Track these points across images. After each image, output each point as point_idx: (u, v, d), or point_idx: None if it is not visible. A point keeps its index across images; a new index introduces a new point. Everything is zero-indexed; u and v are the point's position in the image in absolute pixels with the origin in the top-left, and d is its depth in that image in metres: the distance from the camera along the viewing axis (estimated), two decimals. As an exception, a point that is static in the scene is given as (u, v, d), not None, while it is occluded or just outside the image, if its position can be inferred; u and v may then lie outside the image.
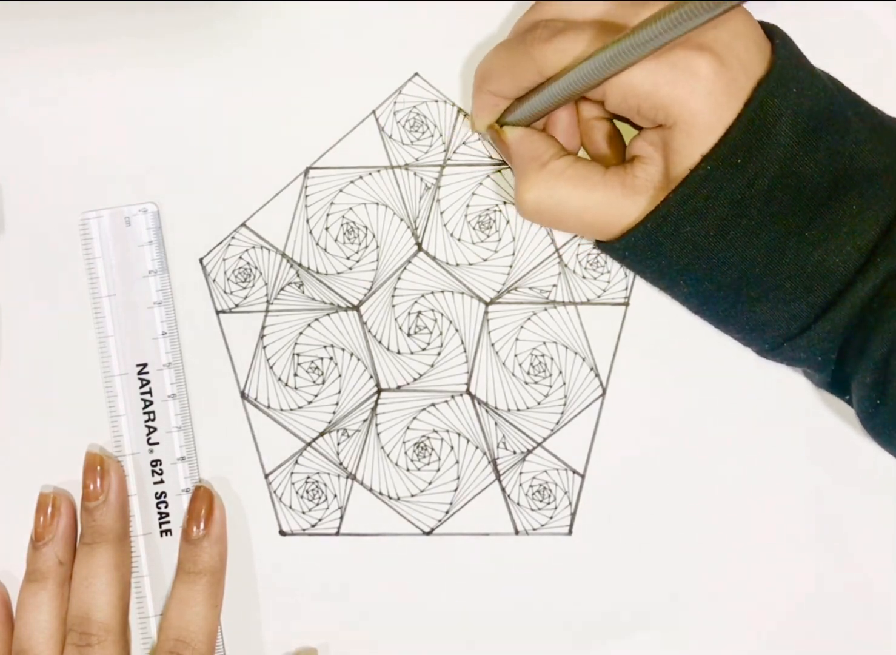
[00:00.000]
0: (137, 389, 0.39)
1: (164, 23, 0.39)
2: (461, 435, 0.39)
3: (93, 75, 0.40)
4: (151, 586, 0.39)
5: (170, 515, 0.39)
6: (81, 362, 0.39)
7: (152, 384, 0.39)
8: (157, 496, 0.39)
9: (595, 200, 0.34)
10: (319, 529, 0.39)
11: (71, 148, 0.39)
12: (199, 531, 0.37)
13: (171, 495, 0.39)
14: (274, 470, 0.39)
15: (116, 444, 0.39)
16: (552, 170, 0.35)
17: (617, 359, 0.39)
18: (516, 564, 0.39)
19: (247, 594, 0.39)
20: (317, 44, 0.40)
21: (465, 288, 0.39)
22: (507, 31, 0.39)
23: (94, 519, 0.37)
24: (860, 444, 0.38)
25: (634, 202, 0.34)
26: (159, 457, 0.39)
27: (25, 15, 0.39)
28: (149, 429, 0.39)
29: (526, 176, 0.35)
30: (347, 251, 0.40)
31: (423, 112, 0.40)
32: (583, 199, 0.34)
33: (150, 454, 0.39)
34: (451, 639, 0.39)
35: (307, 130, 0.39)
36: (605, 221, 0.34)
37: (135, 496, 0.39)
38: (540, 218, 0.35)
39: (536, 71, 0.34)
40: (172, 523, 0.39)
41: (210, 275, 0.39)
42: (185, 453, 0.39)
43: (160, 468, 0.39)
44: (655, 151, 0.33)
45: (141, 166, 0.39)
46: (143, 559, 0.39)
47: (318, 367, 0.39)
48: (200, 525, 0.37)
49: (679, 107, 0.32)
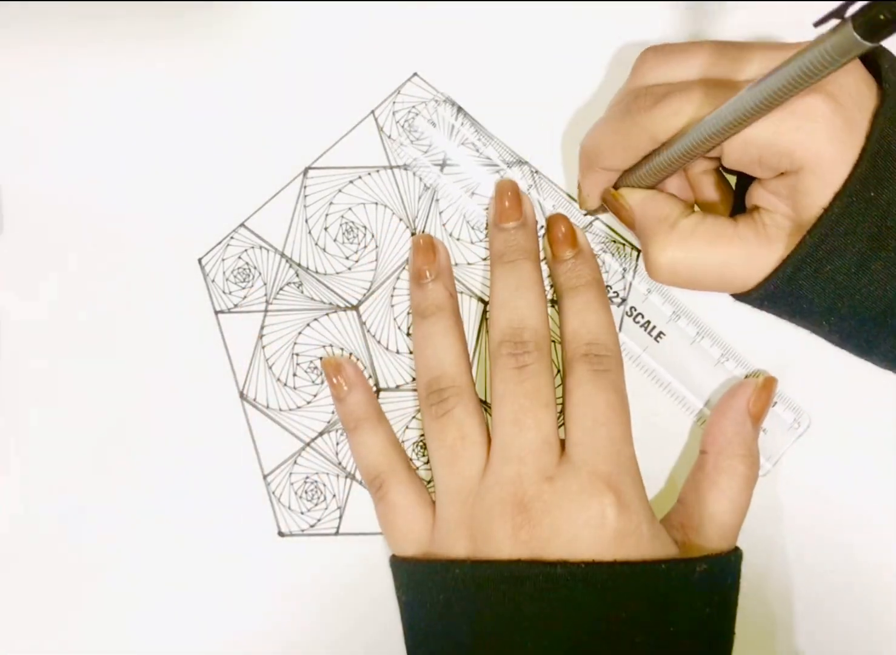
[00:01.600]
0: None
1: (164, 23, 0.40)
2: (460, 434, 0.39)
3: (92, 75, 0.40)
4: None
5: (650, 321, 0.38)
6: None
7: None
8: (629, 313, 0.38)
9: (733, 255, 0.34)
10: (318, 529, 0.39)
11: (70, 148, 0.40)
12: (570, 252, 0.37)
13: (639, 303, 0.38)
14: (273, 471, 0.39)
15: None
16: (683, 229, 0.34)
17: (615, 358, 0.39)
18: (516, 563, 0.39)
19: (246, 595, 0.39)
20: (316, 44, 0.40)
21: (464, 287, 0.39)
22: (507, 30, 0.39)
23: (508, 239, 0.37)
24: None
25: (771, 251, 0.33)
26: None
27: (25, 16, 0.40)
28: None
29: (656, 238, 0.35)
30: (346, 251, 0.40)
31: (422, 112, 0.40)
32: (720, 255, 0.34)
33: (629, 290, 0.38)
34: (450, 639, 0.39)
35: (306, 130, 0.40)
36: (746, 274, 0.34)
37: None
38: (676, 279, 0.35)
39: (649, 139, 0.33)
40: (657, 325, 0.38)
41: (209, 275, 0.40)
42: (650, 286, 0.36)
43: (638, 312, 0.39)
44: (779, 200, 0.33)
45: (140, 166, 0.39)
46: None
47: (317, 367, 0.39)
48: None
49: (803, 151, 0.31)
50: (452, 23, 0.40)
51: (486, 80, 0.40)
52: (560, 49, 0.40)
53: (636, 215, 0.36)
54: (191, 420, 0.39)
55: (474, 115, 0.40)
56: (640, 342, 0.38)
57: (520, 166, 0.40)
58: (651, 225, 0.35)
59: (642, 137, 0.33)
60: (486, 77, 0.40)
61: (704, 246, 0.34)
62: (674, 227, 0.34)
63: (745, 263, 0.34)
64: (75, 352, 0.39)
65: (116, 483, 0.39)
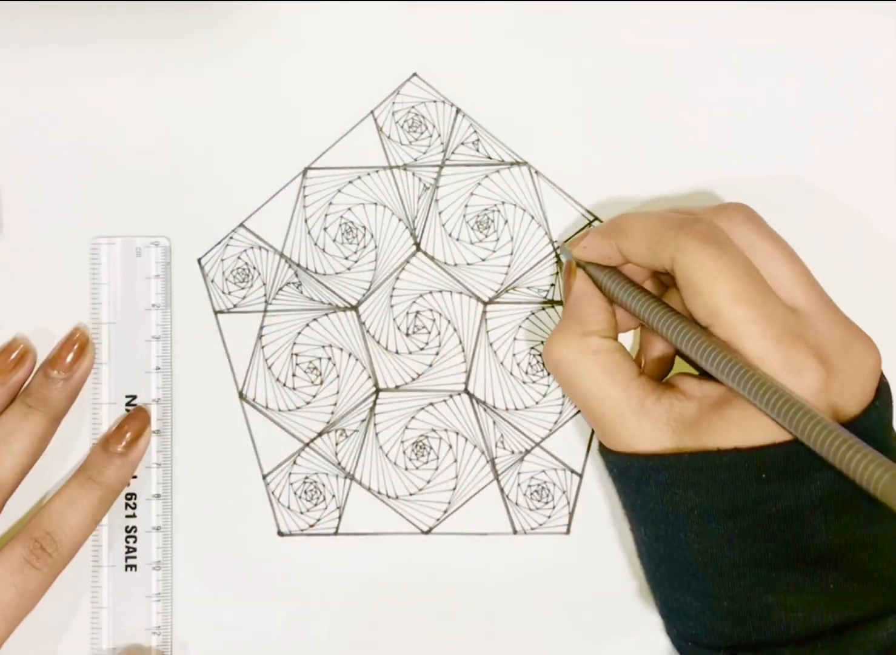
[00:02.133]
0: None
1: (163, 23, 0.40)
2: (459, 434, 0.39)
3: (91, 75, 0.40)
4: (110, 618, 0.38)
5: (137, 550, 0.38)
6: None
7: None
8: (127, 530, 0.38)
9: (607, 395, 0.34)
10: (318, 529, 0.39)
11: (68, 147, 0.39)
12: (118, 448, 0.37)
13: (141, 531, 0.38)
14: (272, 471, 0.39)
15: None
16: (588, 344, 0.34)
17: (615, 359, 0.39)
18: (514, 563, 0.39)
19: (245, 595, 0.39)
20: (315, 44, 0.40)
21: (464, 288, 0.39)
22: (507, 30, 0.39)
23: (47, 388, 0.37)
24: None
25: (638, 422, 0.33)
26: (135, 491, 0.39)
27: (25, 16, 0.39)
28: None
29: (564, 333, 0.35)
30: (346, 251, 0.40)
31: (421, 112, 0.40)
32: (598, 386, 0.34)
33: (126, 488, 0.38)
34: (449, 639, 0.39)
35: (305, 130, 0.40)
36: (603, 418, 0.34)
37: (105, 526, 0.38)
38: (555, 374, 0.35)
39: (671, 259, 0.32)
40: (139, 559, 0.38)
41: (208, 275, 0.39)
42: (160, 490, 0.39)
43: (134, 503, 0.38)
44: (699, 400, 0.33)
45: (139, 166, 0.39)
46: (104, 590, 0.38)
47: (316, 367, 0.39)
48: (122, 444, 0.37)
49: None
50: (452, 23, 0.39)
51: (486, 80, 0.39)
52: (560, 49, 0.39)
53: (570, 300, 0.36)
54: (190, 420, 0.39)
55: (474, 115, 0.39)
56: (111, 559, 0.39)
57: (520, 166, 0.39)
58: (572, 318, 0.35)
59: (667, 254, 0.32)
60: (486, 77, 0.39)
61: (592, 369, 0.34)
62: (585, 336, 0.34)
63: (611, 409, 0.33)
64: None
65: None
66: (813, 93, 0.39)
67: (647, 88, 0.39)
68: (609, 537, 0.39)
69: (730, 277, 0.31)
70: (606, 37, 0.39)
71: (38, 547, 0.36)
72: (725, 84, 0.39)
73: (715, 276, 0.31)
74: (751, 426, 0.31)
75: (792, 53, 0.39)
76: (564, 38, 0.40)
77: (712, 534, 0.32)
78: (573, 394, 0.35)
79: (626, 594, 0.39)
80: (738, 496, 0.31)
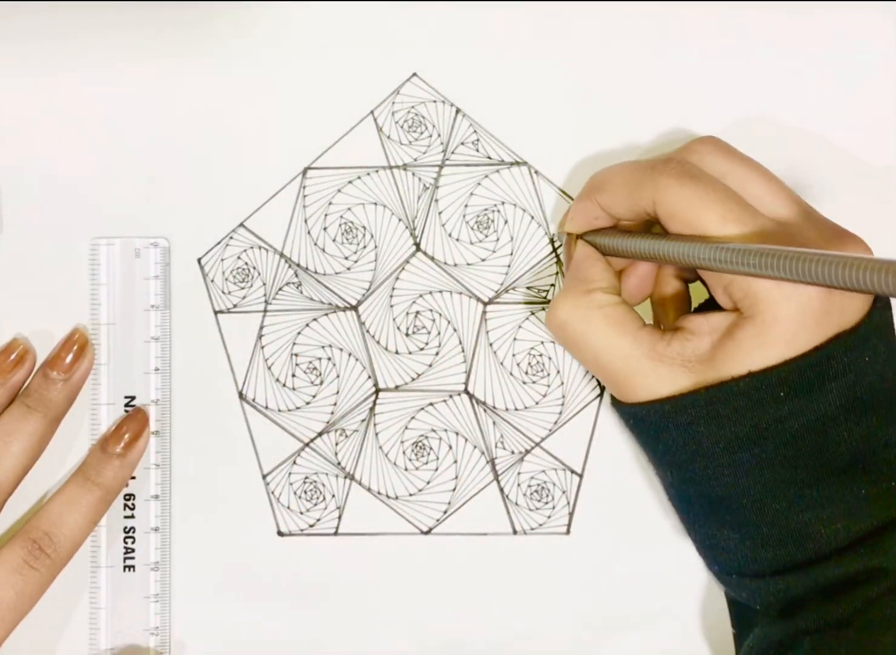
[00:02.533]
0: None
1: (163, 23, 0.40)
2: (459, 435, 0.39)
3: (91, 75, 0.40)
4: (107, 619, 0.38)
5: (135, 551, 0.38)
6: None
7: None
8: (126, 531, 0.38)
9: (618, 348, 0.33)
10: (318, 529, 0.39)
11: (69, 147, 0.39)
12: (116, 449, 0.37)
13: (139, 531, 0.38)
14: (272, 471, 0.39)
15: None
16: (593, 300, 0.34)
17: (614, 359, 0.39)
18: (514, 563, 0.39)
19: (245, 595, 0.39)
20: (315, 44, 0.40)
21: (463, 288, 0.39)
22: (506, 30, 0.39)
23: (47, 388, 0.37)
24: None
25: (655, 370, 0.33)
26: (133, 492, 0.38)
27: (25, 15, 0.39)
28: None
29: (567, 294, 0.35)
30: (346, 251, 0.40)
31: (421, 112, 0.40)
32: (606, 340, 0.34)
33: (125, 488, 0.38)
34: (449, 639, 0.39)
35: (305, 130, 0.39)
36: (618, 372, 0.34)
37: (103, 527, 0.38)
38: (561, 337, 0.35)
39: (651, 203, 0.33)
40: (137, 559, 0.38)
41: (208, 275, 0.39)
42: (159, 491, 0.39)
43: (132, 504, 0.38)
44: (709, 333, 0.32)
45: (139, 166, 0.39)
46: (102, 591, 0.38)
47: (316, 367, 0.39)
48: (120, 445, 0.37)
49: (768, 305, 0.31)
50: (452, 23, 0.39)
51: (486, 80, 0.39)
52: (560, 49, 0.39)
53: (571, 266, 0.36)
54: (190, 420, 0.39)
55: (474, 115, 0.40)
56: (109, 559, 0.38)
57: (519, 166, 0.39)
58: (574, 280, 0.35)
59: (648, 197, 0.33)
60: (486, 77, 0.39)
61: (600, 324, 0.34)
62: (588, 293, 0.34)
63: (622, 361, 0.33)
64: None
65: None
66: (813, 93, 0.39)
67: (646, 89, 0.39)
68: (609, 537, 0.39)
69: (713, 201, 0.32)
70: (606, 37, 0.39)
71: (36, 548, 0.36)
72: (725, 85, 0.39)
73: (698, 204, 0.32)
74: (764, 344, 0.31)
75: (792, 53, 0.39)
76: (564, 38, 0.40)
77: (741, 464, 0.32)
78: (583, 353, 0.35)
79: (626, 594, 0.39)
80: (760, 421, 0.31)
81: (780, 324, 0.31)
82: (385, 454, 0.39)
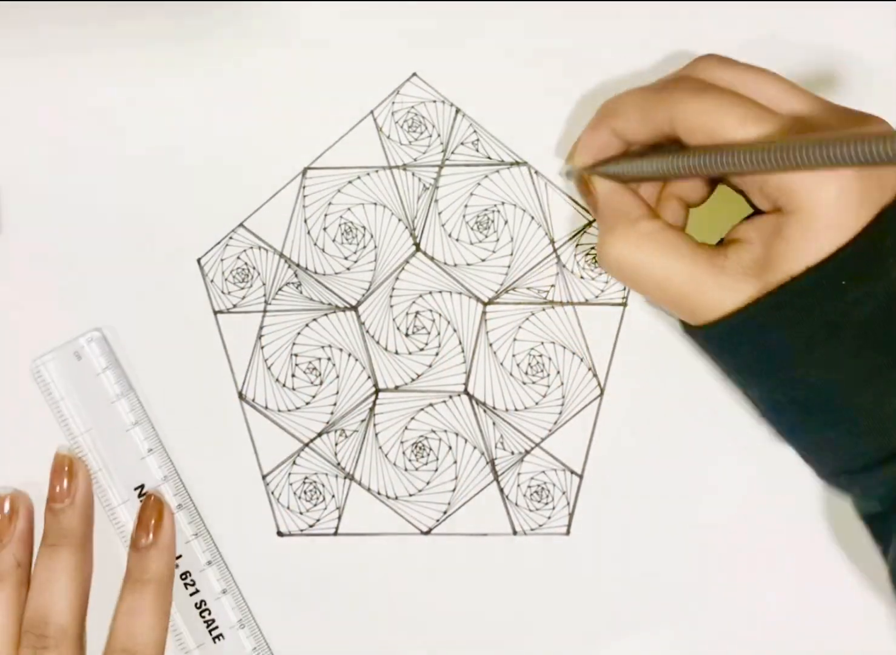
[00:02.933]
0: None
1: (163, 24, 0.39)
2: (459, 435, 0.39)
3: (91, 75, 0.40)
4: None
5: (216, 620, 0.38)
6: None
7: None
8: (197, 606, 0.38)
9: (678, 270, 0.33)
10: (317, 529, 0.39)
11: (69, 148, 0.39)
12: (147, 540, 0.37)
13: (210, 600, 0.38)
14: (271, 471, 0.39)
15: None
16: (642, 230, 0.34)
17: (615, 359, 0.39)
18: (514, 564, 0.39)
19: (245, 595, 0.39)
20: (315, 44, 0.40)
21: (463, 288, 0.39)
22: (506, 30, 0.39)
23: (58, 521, 0.37)
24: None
25: (718, 283, 0.33)
26: (187, 569, 0.38)
27: (26, 15, 0.39)
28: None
29: (613, 231, 0.34)
30: (345, 251, 0.40)
31: (421, 112, 0.40)
32: (667, 266, 0.33)
33: (175, 570, 0.38)
34: (449, 639, 0.39)
35: (305, 130, 0.39)
36: (684, 294, 0.33)
37: (176, 613, 0.38)
38: (621, 275, 0.35)
39: (668, 121, 0.33)
40: (221, 627, 0.38)
41: (208, 275, 0.39)
42: (210, 557, 0.39)
43: (191, 579, 0.38)
44: (759, 238, 0.32)
45: (139, 166, 0.39)
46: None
47: (315, 367, 0.39)
48: (149, 535, 0.37)
49: (806, 195, 0.30)
50: (452, 23, 0.39)
51: (486, 80, 0.39)
52: (559, 49, 0.39)
53: (600, 203, 0.36)
54: (190, 421, 0.39)
55: (474, 115, 0.39)
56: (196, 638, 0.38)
57: (519, 166, 0.39)
58: (612, 216, 0.35)
59: (664, 116, 0.33)
60: (486, 77, 0.39)
61: (655, 251, 0.34)
62: (634, 224, 0.34)
63: (687, 282, 0.33)
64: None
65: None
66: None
67: (647, 88, 0.39)
68: (609, 537, 0.39)
69: (730, 106, 0.32)
70: (606, 37, 0.39)
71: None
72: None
73: (716, 112, 0.32)
74: (813, 235, 0.31)
75: (792, 54, 0.39)
76: (564, 38, 0.39)
77: (821, 361, 0.32)
78: (645, 284, 0.34)
79: (626, 594, 0.39)
80: (829, 315, 0.31)
81: (823, 212, 0.30)
82: (385, 455, 0.39)
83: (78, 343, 0.39)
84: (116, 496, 0.38)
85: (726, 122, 0.31)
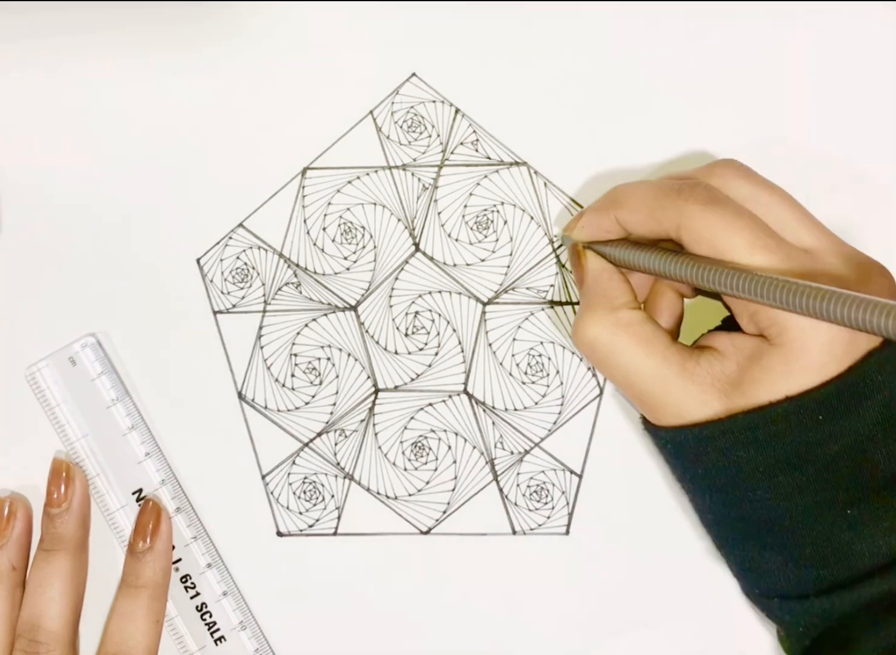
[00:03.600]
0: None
1: (163, 24, 0.39)
2: (459, 435, 0.39)
3: (91, 75, 0.40)
4: None
5: (217, 622, 0.38)
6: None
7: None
8: (198, 609, 0.38)
9: (648, 366, 0.33)
10: (317, 529, 0.39)
11: (69, 148, 0.39)
12: (144, 545, 0.37)
13: (211, 603, 0.38)
14: (271, 471, 0.39)
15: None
16: (621, 317, 0.34)
17: (614, 359, 0.39)
18: (514, 564, 0.39)
19: (244, 595, 0.39)
20: (314, 44, 0.40)
21: (463, 288, 0.39)
22: (506, 30, 0.39)
23: (55, 526, 0.37)
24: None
25: (685, 389, 0.33)
26: (187, 572, 0.38)
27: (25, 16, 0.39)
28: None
29: (593, 311, 0.34)
30: (345, 252, 0.40)
31: (420, 112, 0.40)
32: (637, 360, 0.33)
33: (175, 573, 0.38)
34: (449, 639, 0.39)
35: (305, 130, 0.39)
36: (648, 391, 0.33)
37: (177, 617, 0.38)
38: (591, 355, 0.35)
39: (675, 227, 0.33)
40: (222, 629, 0.38)
41: (207, 275, 0.39)
42: (210, 559, 0.39)
43: (191, 582, 0.38)
44: (735, 355, 0.32)
45: (138, 166, 0.39)
46: None
47: (315, 367, 0.39)
48: (147, 539, 0.37)
49: (797, 335, 0.31)
50: (452, 23, 0.39)
51: (485, 80, 0.39)
52: (559, 49, 0.39)
53: (588, 280, 0.36)
54: (189, 421, 0.39)
55: (474, 115, 0.39)
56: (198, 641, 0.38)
57: (519, 166, 0.39)
58: (596, 296, 0.35)
59: (671, 219, 0.33)
60: (486, 77, 0.39)
61: (629, 342, 0.34)
62: (615, 310, 0.34)
63: (654, 381, 0.33)
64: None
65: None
66: (812, 94, 0.39)
67: (646, 89, 0.39)
68: (609, 537, 0.39)
69: (740, 228, 0.31)
70: (606, 37, 0.39)
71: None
72: (725, 86, 0.39)
73: (726, 231, 0.31)
74: (793, 372, 0.31)
75: (792, 54, 0.39)
76: (564, 38, 0.39)
77: (781, 487, 0.32)
78: (613, 372, 0.34)
79: (626, 594, 0.39)
80: (799, 445, 0.31)
81: (810, 354, 0.31)
82: (384, 455, 0.39)
83: (72, 349, 0.39)
84: (114, 500, 0.38)
85: (735, 242, 0.31)
